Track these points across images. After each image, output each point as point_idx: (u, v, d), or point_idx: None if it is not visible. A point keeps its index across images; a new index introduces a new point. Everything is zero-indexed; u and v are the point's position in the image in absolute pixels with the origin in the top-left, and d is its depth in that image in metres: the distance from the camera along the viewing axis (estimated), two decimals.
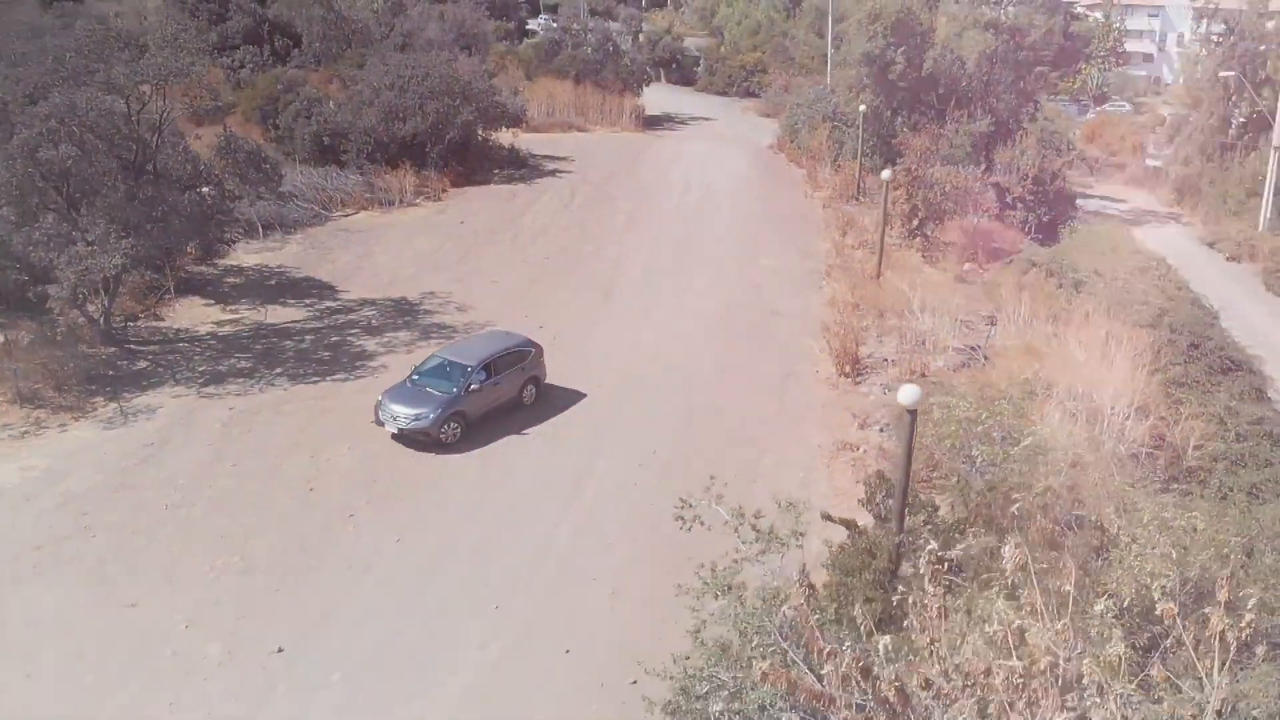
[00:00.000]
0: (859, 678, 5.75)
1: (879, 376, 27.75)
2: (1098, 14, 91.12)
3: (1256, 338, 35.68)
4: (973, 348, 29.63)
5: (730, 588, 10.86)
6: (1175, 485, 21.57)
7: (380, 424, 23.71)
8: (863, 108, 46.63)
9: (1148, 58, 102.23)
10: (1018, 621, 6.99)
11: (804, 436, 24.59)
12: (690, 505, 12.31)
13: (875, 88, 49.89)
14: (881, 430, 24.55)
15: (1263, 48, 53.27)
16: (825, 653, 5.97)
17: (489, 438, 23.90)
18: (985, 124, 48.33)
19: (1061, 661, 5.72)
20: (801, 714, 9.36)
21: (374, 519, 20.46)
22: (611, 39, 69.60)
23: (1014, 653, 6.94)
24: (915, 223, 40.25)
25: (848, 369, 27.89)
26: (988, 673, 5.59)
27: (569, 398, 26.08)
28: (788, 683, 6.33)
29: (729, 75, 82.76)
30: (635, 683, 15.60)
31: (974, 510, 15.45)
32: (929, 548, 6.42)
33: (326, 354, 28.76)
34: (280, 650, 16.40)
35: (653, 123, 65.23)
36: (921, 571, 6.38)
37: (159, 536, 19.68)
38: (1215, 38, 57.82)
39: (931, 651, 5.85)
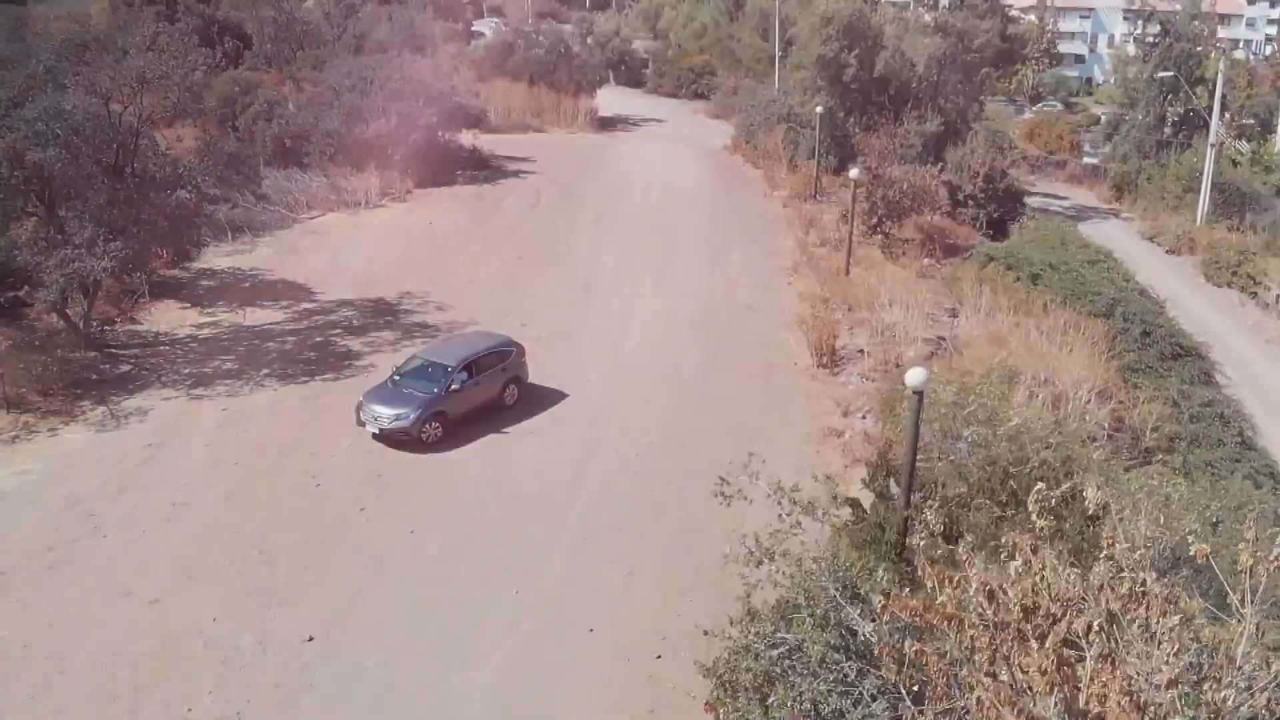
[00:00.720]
0: (984, 601, 6.57)
1: (855, 367, 28.80)
2: (1031, 16, 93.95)
3: (1200, 325, 37.65)
4: (941, 338, 30.87)
5: (775, 555, 11.64)
6: (1156, 459, 22.90)
7: (363, 424, 24.01)
8: (820, 109, 47.79)
9: (1079, 59, 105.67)
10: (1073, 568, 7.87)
11: (791, 425, 25.46)
12: (729, 482, 13.03)
13: (829, 89, 51.22)
14: (864, 417, 25.55)
15: (1198, 48, 55.80)
16: (956, 581, 6.76)
17: (483, 436, 24.24)
18: (935, 124, 50.00)
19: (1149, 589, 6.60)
20: (861, 663, 10.18)
21: (385, 511, 20.82)
22: (564, 41, 70.12)
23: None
24: (875, 220, 41.54)
25: (825, 360, 28.89)
26: (1101, 588, 6.44)
27: (556, 396, 26.50)
28: (912, 610, 7.11)
29: (678, 77, 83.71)
30: (660, 657, 16.42)
31: (974, 486, 16.45)
32: (1037, 488, 7.26)
33: (312, 354, 28.91)
34: (311, 639, 16.74)
35: (607, 124, 66.01)
36: (1030, 511, 7.20)
37: (171, 534, 19.84)
38: (1151, 39, 60.33)
39: (1043, 578, 6.69)
